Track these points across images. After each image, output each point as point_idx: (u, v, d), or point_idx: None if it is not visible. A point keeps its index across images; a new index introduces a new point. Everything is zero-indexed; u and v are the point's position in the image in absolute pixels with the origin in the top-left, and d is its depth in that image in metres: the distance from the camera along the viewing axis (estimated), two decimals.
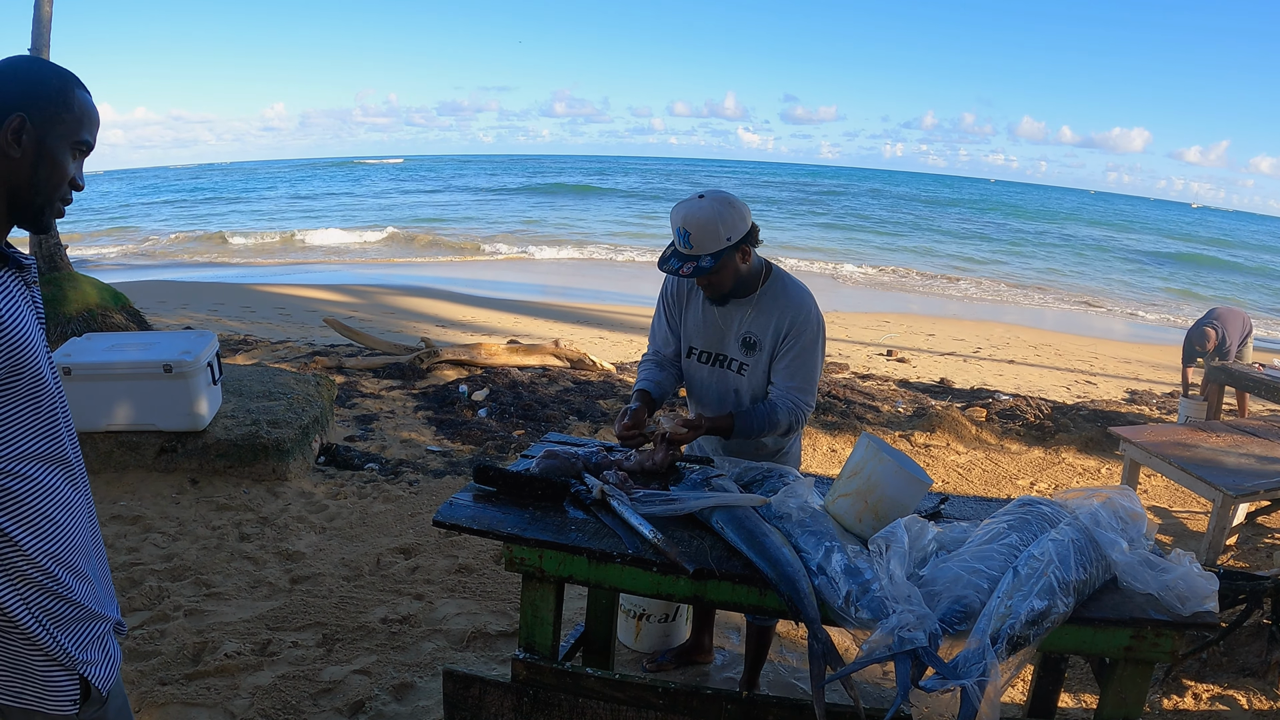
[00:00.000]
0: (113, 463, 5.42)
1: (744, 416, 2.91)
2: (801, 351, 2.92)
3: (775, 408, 2.91)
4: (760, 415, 2.91)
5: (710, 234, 2.71)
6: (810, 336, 2.92)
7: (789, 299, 2.94)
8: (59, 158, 1.55)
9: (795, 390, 2.92)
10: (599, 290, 17.87)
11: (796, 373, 2.93)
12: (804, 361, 2.92)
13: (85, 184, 1.62)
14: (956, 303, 19.38)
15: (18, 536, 1.51)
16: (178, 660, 3.55)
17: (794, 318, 2.90)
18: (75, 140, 1.57)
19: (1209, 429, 5.91)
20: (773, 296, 2.94)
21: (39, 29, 8.71)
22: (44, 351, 1.59)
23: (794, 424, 2.95)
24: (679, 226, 2.74)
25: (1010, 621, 1.91)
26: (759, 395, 3.03)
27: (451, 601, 4.17)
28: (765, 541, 2.21)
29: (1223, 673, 3.71)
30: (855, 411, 8.16)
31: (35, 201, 1.56)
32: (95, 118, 1.60)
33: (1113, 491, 2.36)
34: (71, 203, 1.63)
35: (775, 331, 2.93)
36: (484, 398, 8.02)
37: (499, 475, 2.61)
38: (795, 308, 2.92)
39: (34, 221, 1.58)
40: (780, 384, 2.94)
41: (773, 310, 2.93)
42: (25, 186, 1.54)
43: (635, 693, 2.38)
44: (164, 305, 12.76)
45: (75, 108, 1.55)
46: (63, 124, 1.54)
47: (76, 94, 1.56)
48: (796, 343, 2.91)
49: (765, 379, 3.00)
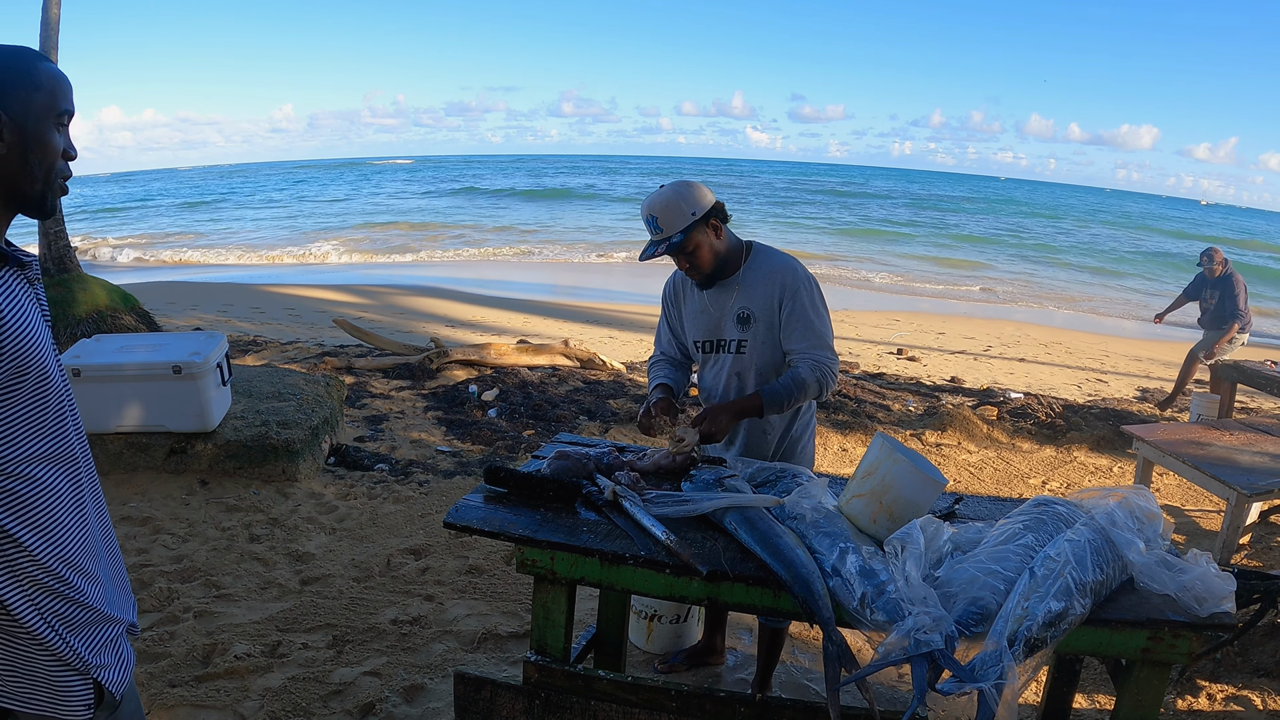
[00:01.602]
0: (122, 464, 5.42)
1: (769, 391, 2.91)
2: (803, 311, 2.94)
3: (798, 369, 2.92)
4: (785, 384, 2.90)
5: (674, 212, 2.86)
6: (806, 294, 2.95)
7: (772, 267, 3.00)
8: (45, 138, 1.52)
9: (811, 349, 2.93)
10: (608, 290, 17.87)
11: (807, 332, 2.94)
12: (809, 319, 2.95)
13: (77, 152, 1.59)
14: (967, 301, 19.32)
15: (26, 540, 1.49)
16: (187, 662, 3.54)
17: (783, 282, 2.95)
18: (55, 114, 1.53)
19: (1222, 427, 5.87)
20: (756, 269, 3.01)
21: (47, 31, 8.72)
22: (50, 350, 1.56)
23: (823, 381, 2.93)
24: (646, 215, 2.91)
25: (1027, 623, 1.88)
26: (763, 372, 3.04)
27: (462, 603, 4.16)
28: (779, 543, 2.19)
29: (1237, 673, 3.69)
30: (866, 410, 8.13)
31: (34, 189, 1.53)
32: (66, 83, 1.55)
33: (1129, 491, 2.33)
34: (71, 176, 1.60)
35: (767, 301, 2.97)
36: (494, 398, 8.02)
37: (510, 476, 2.60)
38: (781, 272, 2.97)
39: (38, 208, 1.56)
40: (797, 349, 2.95)
41: (759, 282, 2.98)
42: (20, 177, 1.51)
43: (648, 695, 2.37)
44: (173, 306, 12.79)
45: (44, 82, 1.51)
46: (37, 103, 1.50)
47: (40, 67, 1.51)
48: (795, 304, 2.94)
49: (767, 352, 3.02)
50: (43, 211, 1.57)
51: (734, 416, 2.93)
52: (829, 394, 3.02)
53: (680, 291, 3.22)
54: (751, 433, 3.14)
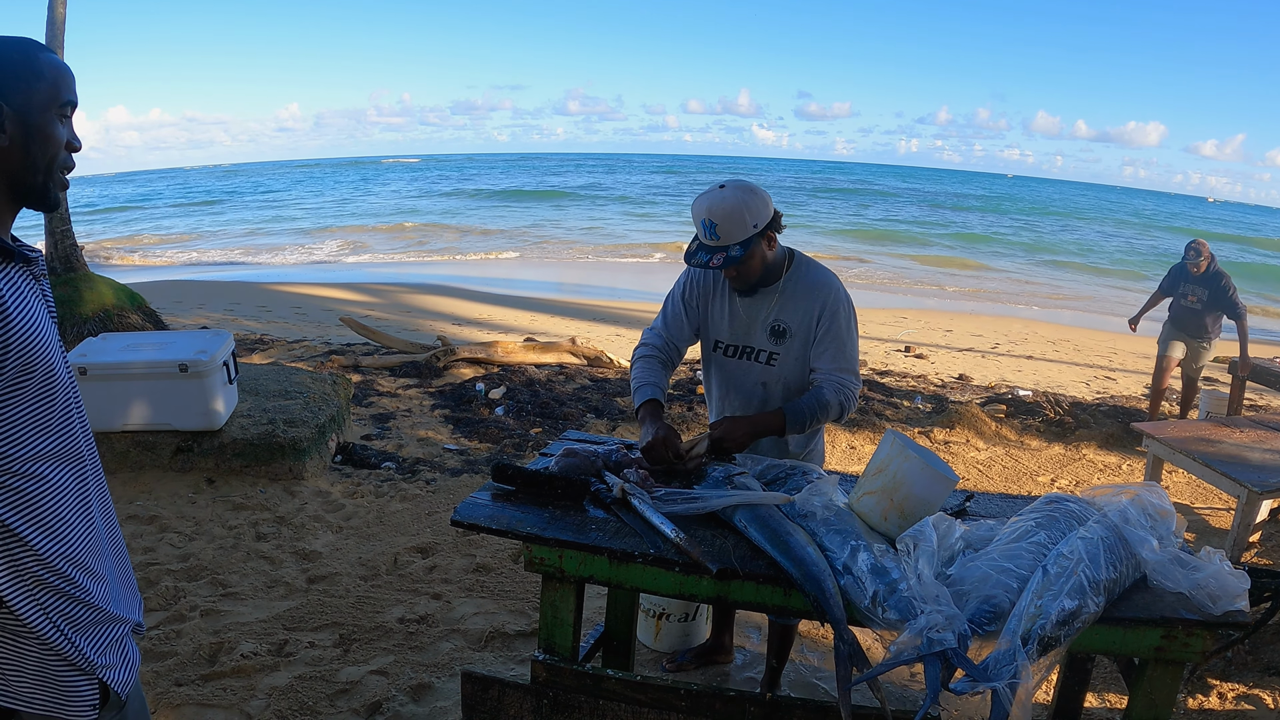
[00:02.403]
0: (129, 462, 5.42)
1: (793, 409, 2.85)
2: (839, 333, 2.89)
3: (822, 390, 2.87)
4: (808, 403, 2.85)
5: (737, 222, 2.67)
6: (845, 317, 2.90)
7: (816, 283, 2.91)
8: (48, 130, 1.50)
9: (839, 371, 2.88)
10: (615, 288, 17.85)
11: (839, 354, 2.89)
12: (843, 343, 2.90)
13: (81, 143, 1.58)
14: (974, 299, 19.28)
15: (31, 538, 1.48)
16: (194, 661, 3.54)
17: (825, 300, 2.88)
18: (58, 105, 1.52)
19: (1232, 424, 5.84)
20: (798, 282, 2.91)
21: (53, 30, 8.73)
22: (57, 347, 1.55)
23: (844, 403, 2.88)
24: (703, 219, 2.70)
25: (1041, 622, 1.87)
26: (790, 386, 2.99)
27: (469, 601, 4.15)
28: (790, 540, 2.18)
29: (1248, 671, 3.67)
30: (874, 408, 8.11)
31: (36, 180, 1.52)
32: (68, 73, 1.54)
33: (1141, 488, 2.32)
34: (74, 168, 1.59)
35: (806, 317, 2.89)
36: (501, 396, 8.01)
37: (518, 474, 2.58)
38: (824, 291, 2.89)
39: (41, 199, 1.54)
40: (823, 368, 2.90)
41: (801, 296, 2.90)
42: (22, 169, 1.50)
43: (657, 695, 2.35)
44: (180, 305, 12.80)
45: (46, 72, 1.49)
46: (39, 94, 1.48)
47: (41, 58, 1.50)
48: (832, 324, 2.88)
49: (798, 368, 2.96)
50: (45, 204, 1.56)
51: (752, 433, 2.86)
52: (847, 417, 2.98)
53: (709, 286, 3.05)
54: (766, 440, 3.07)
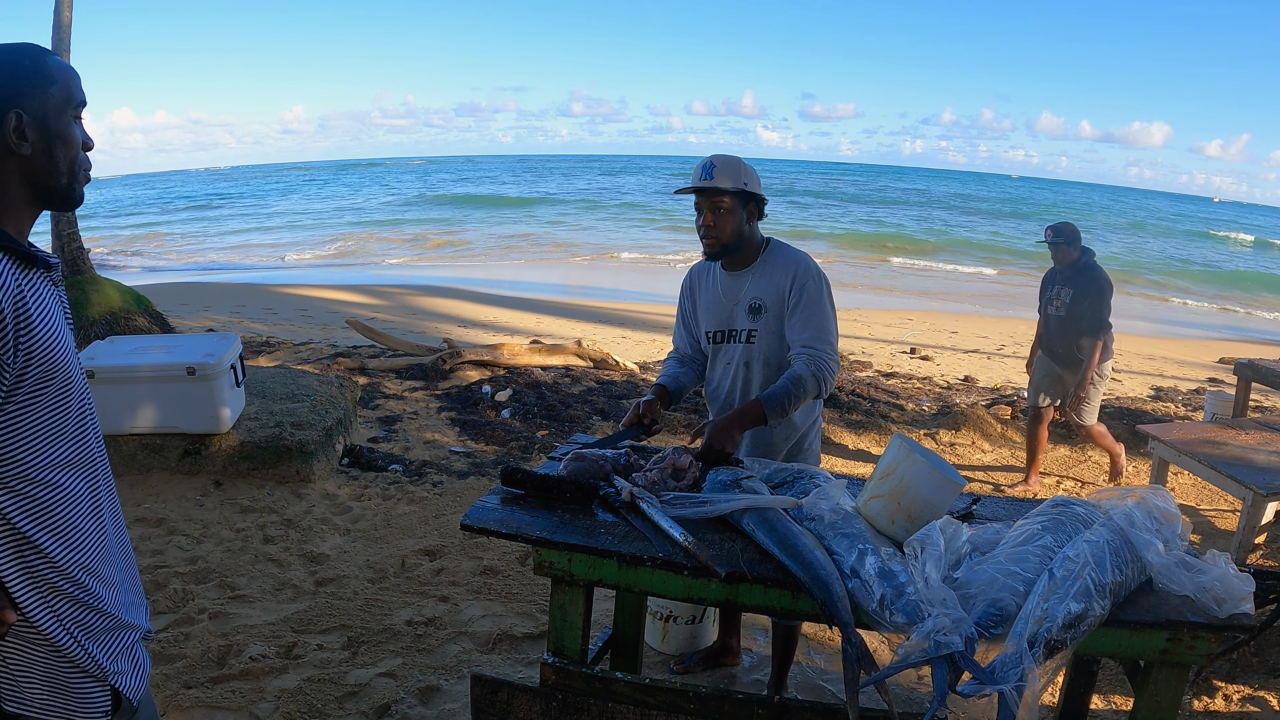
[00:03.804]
0: (136, 465, 5.45)
1: (769, 397, 2.87)
2: (808, 302, 2.97)
3: (795, 370, 2.91)
4: (784, 386, 2.88)
5: (732, 170, 2.95)
6: (814, 286, 2.99)
7: (788, 260, 3.06)
8: (67, 132, 1.53)
9: (811, 342, 2.94)
10: (620, 290, 17.86)
11: (809, 323, 2.96)
12: (813, 312, 2.97)
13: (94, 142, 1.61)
14: (979, 300, 19.26)
15: (48, 547, 1.49)
16: (202, 663, 3.55)
17: (795, 272, 3.01)
18: (72, 107, 1.55)
19: (1238, 426, 5.84)
20: (772, 262, 3.07)
21: (59, 34, 8.77)
22: (74, 354, 1.56)
23: (821, 378, 2.90)
24: (706, 162, 2.98)
25: (1047, 625, 1.88)
26: (771, 362, 3.07)
27: (477, 603, 4.16)
28: (797, 544, 2.19)
29: (1253, 673, 3.67)
30: (880, 410, 8.11)
31: (61, 183, 1.55)
32: (75, 74, 1.57)
33: (1147, 491, 2.32)
34: (92, 166, 1.62)
35: (778, 290, 3.01)
36: (507, 398, 8.02)
37: (527, 478, 2.60)
38: (795, 265, 3.03)
39: (65, 200, 1.58)
40: (797, 341, 2.97)
41: (773, 273, 3.04)
42: (47, 174, 1.52)
43: (666, 697, 2.36)
44: (186, 308, 12.83)
45: (56, 76, 1.52)
46: (53, 98, 1.51)
47: (48, 62, 1.53)
48: (801, 294, 2.98)
49: (775, 342, 3.05)
50: (70, 203, 1.59)
51: (733, 429, 2.86)
52: (829, 391, 3.00)
53: (697, 284, 3.27)
54: (757, 432, 3.12)
